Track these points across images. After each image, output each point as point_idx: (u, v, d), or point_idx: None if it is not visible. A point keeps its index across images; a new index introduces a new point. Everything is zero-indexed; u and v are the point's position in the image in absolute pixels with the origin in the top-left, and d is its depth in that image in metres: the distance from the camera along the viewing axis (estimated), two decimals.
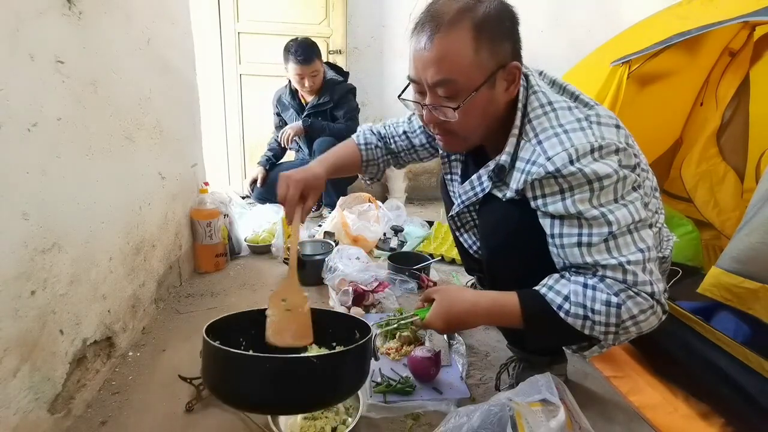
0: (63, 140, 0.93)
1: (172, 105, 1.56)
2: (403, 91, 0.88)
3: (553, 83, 0.91)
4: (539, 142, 0.80)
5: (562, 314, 0.79)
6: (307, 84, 2.39)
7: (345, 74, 2.61)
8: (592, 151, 0.76)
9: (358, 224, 2.02)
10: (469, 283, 1.51)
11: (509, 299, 0.84)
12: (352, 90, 2.58)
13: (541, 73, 0.92)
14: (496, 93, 0.82)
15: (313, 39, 2.83)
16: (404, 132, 1.18)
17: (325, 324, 0.93)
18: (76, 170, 0.99)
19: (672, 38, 1.40)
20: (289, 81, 2.52)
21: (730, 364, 0.94)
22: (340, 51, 2.88)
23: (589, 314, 0.77)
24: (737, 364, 0.93)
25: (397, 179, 3.03)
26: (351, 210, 2.14)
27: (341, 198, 2.25)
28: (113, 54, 1.14)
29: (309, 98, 2.52)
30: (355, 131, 1.21)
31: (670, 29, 1.43)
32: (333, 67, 2.60)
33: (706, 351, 0.99)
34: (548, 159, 0.77)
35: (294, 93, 2.55)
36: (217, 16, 2.73)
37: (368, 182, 1.25)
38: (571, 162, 0.76)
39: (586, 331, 0.79)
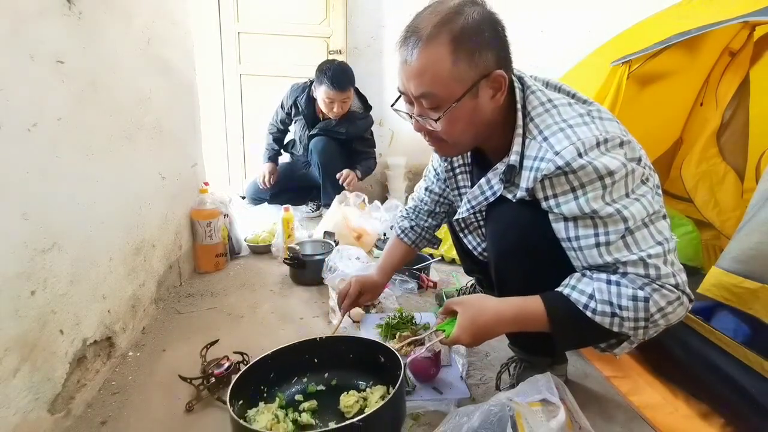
0: (63, 140, 0.93)
1: (172, 105, 1.56)
2: (395, 102, 0.90)
3: (547, 84, 0.92)
4: (545, 139, 0.80)
5: (588, 313, 0.78)
6: (335, 110, 2.36)
7: (368, 106, 2.58)
8: (598, 144, 0.76)
9: (359, 217, 2.03)
10: (469, 284, 1.51)
11: (534, 304, 0.83)
12: (372, 123, 2.58)
13: (532, 76, 0.92)
14: (481, 101, 0.82)
15: (313, 39, 2.84)
16: (426, 188, 1.24)
17: (345, 350, 1.03)
18: (76, 170, 0.99)
19: (672, 38, 1.40)
20: (309, 84, 2.46)
21: (730, 364, 0.93)
22: (340, 51, 2.87)
23: (617, 311, 0.76)
24: (737, 364, 0.92)
25: (397, 179, 3.02)
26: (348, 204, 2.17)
27: (338, 196, 2.25)
28: (113, 54, 1.14)
29: (327, 115, 2.45)
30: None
31: (670, 29, 1.43)
32: (359, 95, 2.56)
33: (706, 351, 0.99)
34: (556, 154, 0.77)
35: (311, 100, 2.48)
36: (217, 16, 2.73)
37: (435, 247, 1.36)
38: (580, 155, 0.76)
39: (615, 328, 0.78)
